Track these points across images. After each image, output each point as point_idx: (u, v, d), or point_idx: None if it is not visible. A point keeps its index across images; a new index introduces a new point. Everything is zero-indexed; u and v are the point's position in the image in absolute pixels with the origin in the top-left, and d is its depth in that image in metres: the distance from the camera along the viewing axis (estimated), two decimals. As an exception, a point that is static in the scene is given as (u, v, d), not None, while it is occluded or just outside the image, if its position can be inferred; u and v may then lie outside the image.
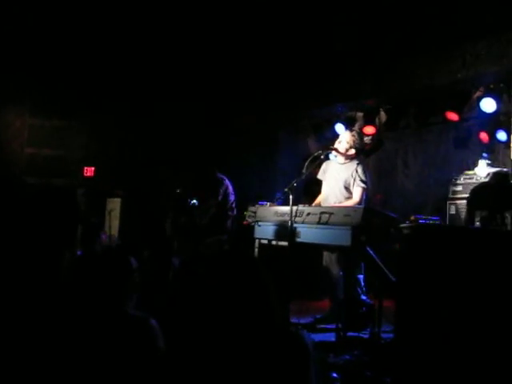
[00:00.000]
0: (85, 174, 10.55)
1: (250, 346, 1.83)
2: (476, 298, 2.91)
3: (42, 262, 1.62)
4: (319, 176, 6.12)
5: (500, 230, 4.27)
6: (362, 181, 5.64)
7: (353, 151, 5.84)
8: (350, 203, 5.58)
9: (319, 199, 6.03)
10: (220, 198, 8.04)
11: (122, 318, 1.71)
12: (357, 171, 5.69)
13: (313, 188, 7.37)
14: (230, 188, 8.19)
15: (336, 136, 6.46)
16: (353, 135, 5.90)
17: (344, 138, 5.89)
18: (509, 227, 4.32)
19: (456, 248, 3.00)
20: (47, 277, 1.62)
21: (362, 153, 8.59)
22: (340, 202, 5.69)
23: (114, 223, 10.08)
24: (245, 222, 6.45)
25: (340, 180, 5.78)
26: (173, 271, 4.75)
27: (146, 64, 8.97)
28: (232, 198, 8.20)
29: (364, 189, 5.66)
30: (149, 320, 1.76)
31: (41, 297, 1.65)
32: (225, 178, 8.15)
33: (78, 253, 3.53)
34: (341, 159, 5.90)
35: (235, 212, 8.20)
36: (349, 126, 8.80)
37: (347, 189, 5.74)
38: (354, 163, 5.78)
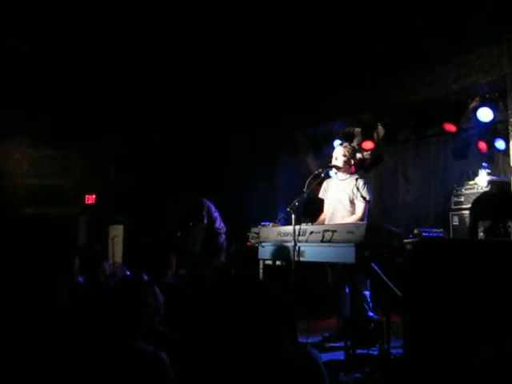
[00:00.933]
0: (86, 202, 10.57)
1: (260, 371, 1.82)
2: (484, 309, 2.90)
3: (40, 292, 1.61)
4: (320, 195, 6.10)
5: (504, 240, 4.26)
6: (363, 196, 5.61)
7: (351, 162, 5.83)
8: (353, 219, 5.56)
9: (322, 218, 6.00)
10: (205, 220, 8.13)
11: (132, 353, 1.68)
12: (358, 186, 5.66)
13: (312, 207, 7.37)
14: (212, 207, 8.28)
15: (335, 153, 6.44)
16: (344, 147, 5.90)
17: (337, 153, 5.86)
18: (512, 237, 4.32)
19: (461, 260, 2.99)
20: (45, 306, 1.61)
21: (361, 168, 8.64)
22: (344, 219, 5.66)
23: (117, 250, 10.07)
24: (248, 243, 6.45)
25: (342, 196, 5.75)
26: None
27: (143, 91, 9.02)
28: (216, 214, 8.28)
29: (366, 203, 5.64)
30: (158, 354, 1.73)
31: (40, 327, 1.63)
32: (204, 199, 8.26)
33: (80, 280, 3.53)
34: (341, 176, 5.89)
35: (224, 228, 8.27)
36: (347, 141, 8.85)
37: (350, 204, 5.71)
38: (355, 178, 5.76)
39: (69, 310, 1.78)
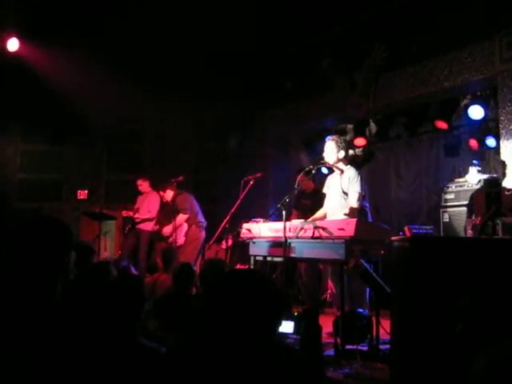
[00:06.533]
0: (78, 197, 10.55)
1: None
2: (473, 307, 2.92)
3: (32, 289, 1.61)
4: (324, 190, 6.10)
5: (491, 238, 4.28)
6: (355, 187, 5.59)
7: (342, 153, 5.76)
8: (346, 210, 5.53)
9: (323, 212, 5.97)
10: (189, 213, 8.11)
11: (133, 348, 1.67)
12: (350, 178, 5.65)
13: (302, 201, 7.40)
14: (193, 199, 8.27)
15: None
16: (333, 139, 5.81)
17: (328, 148, 5.82)
18: (500, 234, 4.34)
19: (450, 258, 3.01)
20: (39, 304, 1.60)
21: (353, 164, 8.65)
22: (342, 210, 5.62)
23: (109, 245, 10.08)
24: (240, 239, 6.46)
25: (339, 190, 5.73)
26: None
27: (136, 86, 9.00)
28: (197, 208, 8.27)
29: (359, 194, 5.60)
30: (160, 350, 1.72)
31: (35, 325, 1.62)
32: (183, 191, 8.25)
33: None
34: (338, 170, 5.86)
35: (205, 223, 8.28)
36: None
37: (345, 197, 5.68)
38: (348, 171, 5.74)
39: (64, 308, 1.78)
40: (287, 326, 2.13)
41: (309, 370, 2.01)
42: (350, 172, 5.71)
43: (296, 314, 2.28)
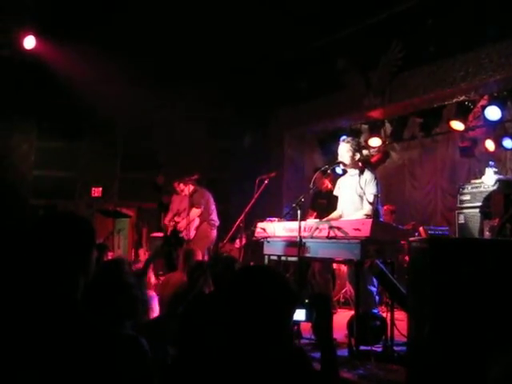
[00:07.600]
0: (93, 195, 10.58)
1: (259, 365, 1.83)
2: (491, 309, 2.89)
3: (56, 288, 1.59)
4: (335, 192, 6.08)
5: (510, 240, 4.24)
6: (370, 190, 5.57)
7: (358, 156, 5.75)
8: (360, 214, 5.51)
9: (337, 214, 5.94)
10: (202, 208, 8.14)
11: (107, 337, 1.62)
12: (367, 180, 5.63)
13: (319, 200, 7.38)
14: (211, 197, 8.30)
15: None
16: (347, 142, 5.80)
17: (342, 150, 5.79)
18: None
19: (468, 260, 2.99)
20: (60, 304, 1.58)
21: (368, 165, 8.62)
22: (357, 211, 5.61)
23: (122, 243, 10.12)
24: (254, 238, 6.46)
25: (352, 193, 5.71)
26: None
27: (146, 86, 9.02)
28: (213, 206, 8.30)
29: (375, 197, 5.57)
30: (138, 339, 1.66)
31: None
32: (203, 188, 8.27)
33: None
34: (352, 171, 5.83)
35: (218, 222, 8.29)
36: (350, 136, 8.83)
37: (360, 200, 5.66)
38: (365, 173, 5.72)
39: (84, 307, 1.75)
40: (299, 314, 2.12)
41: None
42: (367, 174, 5.68)
43: (307, 301, 2.29)
